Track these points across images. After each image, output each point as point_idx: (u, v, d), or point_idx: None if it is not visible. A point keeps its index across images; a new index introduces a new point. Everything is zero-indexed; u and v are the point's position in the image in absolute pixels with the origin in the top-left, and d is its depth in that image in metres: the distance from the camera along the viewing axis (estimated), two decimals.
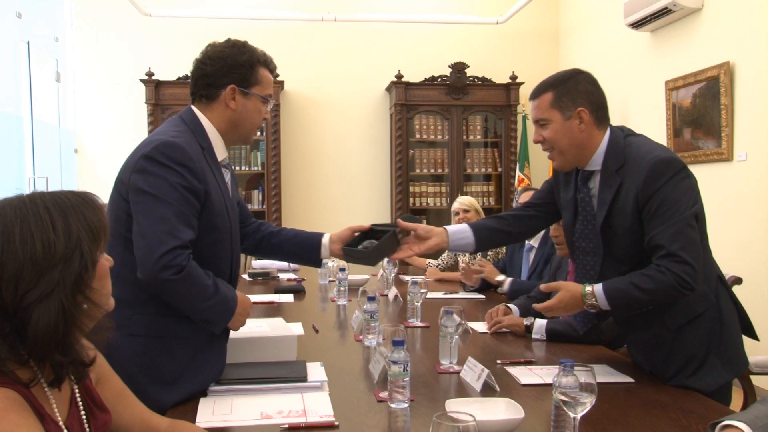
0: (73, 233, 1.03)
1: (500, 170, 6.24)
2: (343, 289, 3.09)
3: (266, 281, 3.86)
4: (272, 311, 2.90)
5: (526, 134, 6.19)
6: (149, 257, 1.52)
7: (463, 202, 4.05)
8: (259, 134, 5.96)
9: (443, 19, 6.27)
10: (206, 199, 1.64)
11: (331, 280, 3.67)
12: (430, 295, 3.09)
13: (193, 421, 1.44)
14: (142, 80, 5.79)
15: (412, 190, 6.19)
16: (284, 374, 1.69)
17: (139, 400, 1.32)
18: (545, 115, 1.85)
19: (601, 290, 1.75)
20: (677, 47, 4.61)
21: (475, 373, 1.74)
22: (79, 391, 1.13)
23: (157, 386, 1.57)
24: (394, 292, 3.13)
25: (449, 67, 6.11)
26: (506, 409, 1.44)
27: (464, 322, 1.95)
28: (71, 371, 1.06)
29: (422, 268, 4.26)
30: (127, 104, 6.08)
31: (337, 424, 1.44)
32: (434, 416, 1.04)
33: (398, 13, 6.27)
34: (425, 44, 6.39)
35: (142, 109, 5.88)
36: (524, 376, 1.80)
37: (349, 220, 2.82)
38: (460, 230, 2.09)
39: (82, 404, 1.13)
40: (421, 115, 6.18)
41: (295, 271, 4.22)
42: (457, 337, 1.92)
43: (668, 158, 1.74)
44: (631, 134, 1.88)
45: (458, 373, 1.83)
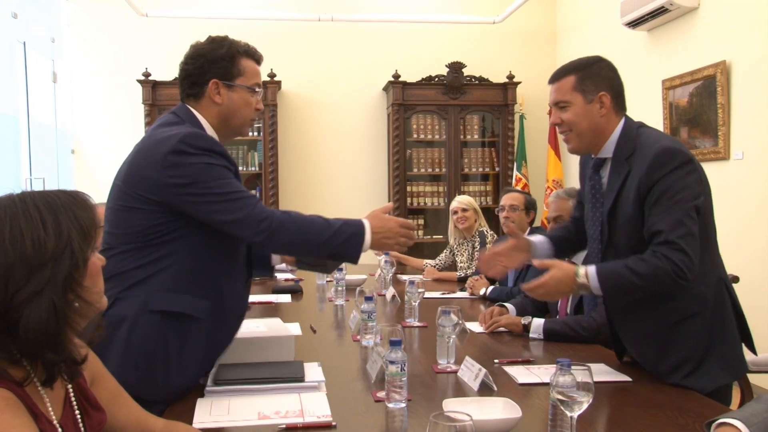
0: (63, 231, 1.03)
1: (498, 170, 6.24)
2: (340, 289, 3.08)
3: (263, 281, 3.86)
4: (270, 311, 2.90)
5: (523, 134, 6.18)
6: (246, 222, 1.56)
7: (462, 201, 4.05)
8: (256, 134, 5.96)
9: (440, 18, 6.27)
10: (236, 179, 1.68)
11: (328, 280, 3.67)
12: (427, 294, 3.10)
13: (190, 422, 1.44)
14: (138, 81, 5.77)
15: (409, 189, 6.19)
16: (282, 374, 1.69)
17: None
18: (567, 97, 1.85)
19: (594, 271, 1.72)
20: (674, 46, 4.61)
21: (472, 372, 1.74)
22: (73, 390, 1.13)
23: (165, 366, 1.57)
24: (391, 291, 3.13)
25: (446, 66, 6.11)
26: (503, 408, 1.44)
27: (462, 321, 1.96)
28: (63, 370, 1.06)
29: (419, 268, 4.26)
30: (123, 105, 6.06)
31: (334, 424, 1.44)
32: (431, 416, 1.04)
33: (395, 12, 6.27)
34: (422, 44, 6.39)
35: (138, 109, 5.87)
36: (521, 375, 1.81)
37: None
38: (540, 242, 2.09)
39: (76, 404, 1.12)
40: (418, 114, 6.18)
41: (292, 271, 4.21)
42: (454, 336, 1.92)
43: (674, 149, 1.73)
44: (644, 126, 1.87)
45: (455, 372, 1.83)
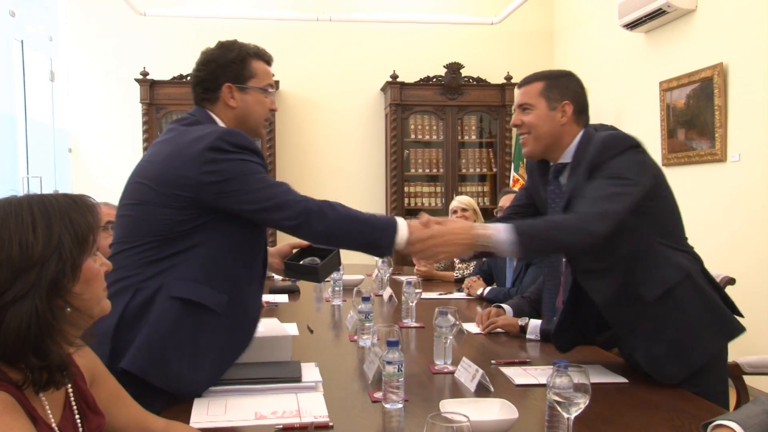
0: (53, 236, 1.01)
1: (495, 170, 6.24)
2: (337, 289, 3.08)
3: None
4: (267, 311, 2.90)
5: None
6: (284, 206, 1.62)
7: (462, 201, 4.04)
8: None
9: (438, 19, 6.27)
10: None
11: (326, 280, 3.66)
12: (424, 295, 3.10)
13: (186, 421, 1.44)
14: (136, 80, 5.76)
15: (406, 190, 6.19)
16: (279, 374, 1.69)
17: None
18: (531, 101, 1.88)
19: (503, 223, 1.71)
20: (671, 48, 4.62)
21: (469, 373, 1.74)
22: (73, 393, 1.12)
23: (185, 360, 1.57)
24: (388, 292, 3.13)
25: (444, 67, 6.11)
26: (500, 409, 1.45)
27: (459, 322, 1.96)
28: (47, 377, 1.02)
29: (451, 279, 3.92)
30: (121, 104, 6.05)
31: (331, 424, 1.44)
32: (428, 417, 1.05)
33: (393, 13, 6.27)
34: (420, 44, 6.39)
35: (136, 108, 5.86)
36: (518, 376, 1.81)
37: None
38: None
39: (76, 407, 1.11)
40: (416, 115, 6.18)
41: (283, 279, 4.18)
42: (451, 337, 1.92)
43: (621, 135, 1.75)
44: (604, 126, 1.90)
45: (453, 373, 1.84)
